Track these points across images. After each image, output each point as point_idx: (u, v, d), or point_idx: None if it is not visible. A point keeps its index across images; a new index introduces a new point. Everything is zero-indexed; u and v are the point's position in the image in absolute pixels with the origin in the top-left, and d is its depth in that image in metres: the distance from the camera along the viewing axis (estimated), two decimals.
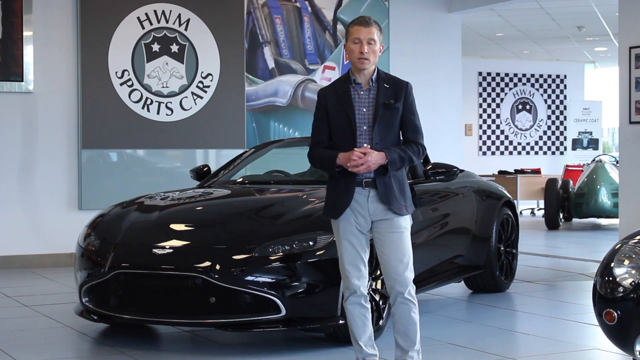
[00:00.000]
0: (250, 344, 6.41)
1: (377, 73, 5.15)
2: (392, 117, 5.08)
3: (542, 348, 6.31)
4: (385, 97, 5.08)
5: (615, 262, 4.67)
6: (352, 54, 5.08)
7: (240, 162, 8.16)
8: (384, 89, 5.10)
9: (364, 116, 5.08)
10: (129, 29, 10.98)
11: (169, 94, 11.18)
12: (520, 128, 22.23)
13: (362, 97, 5.11)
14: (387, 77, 5.18)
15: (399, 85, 5.15)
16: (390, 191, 5.06)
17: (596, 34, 18.13)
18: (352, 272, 5.13)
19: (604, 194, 15.42)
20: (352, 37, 5.07)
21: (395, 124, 5.10)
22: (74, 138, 10.77)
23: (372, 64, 5.09)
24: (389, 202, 5.05)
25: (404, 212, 5.09)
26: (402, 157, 5.05)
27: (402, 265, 5.07)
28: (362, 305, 5.17)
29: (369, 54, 5.04)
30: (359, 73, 5.12)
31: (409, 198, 5.18)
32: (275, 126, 11.91)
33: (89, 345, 6.45)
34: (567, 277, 9.79)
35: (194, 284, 5.91)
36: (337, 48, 12.29)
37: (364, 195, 5.08)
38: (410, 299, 5.09)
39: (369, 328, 5.19)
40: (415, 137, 5.14)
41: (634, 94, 10.32)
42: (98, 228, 6.62)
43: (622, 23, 10.61)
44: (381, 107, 5.06)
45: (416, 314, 5.12)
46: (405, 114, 5.11)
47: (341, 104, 5.11)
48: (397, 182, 5.10)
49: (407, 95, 5.13)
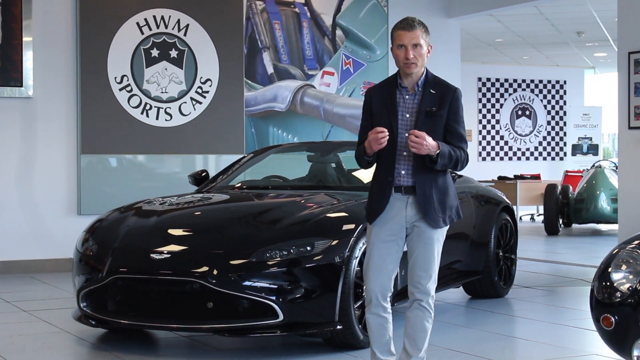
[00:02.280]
0: (247, 349, 6.40)
1: (425, 77, 4.97)
2: (434, 125, 4.88)
3: (541, 354, 6.30)
4: (429, 103, 4.90)
5: (612, 267, 4.66)
6: (397, 59, 4.91)
7: (238, 167, 8.17)
8: (429, 95, 4.92)
9: (407, 122, 4.91)
10: (128, 34, 10.99)
11: (168, 99, 11.18)
12: (520, 133, 22.24)
13: (407, 102, 4.94)
14: (435, 81, 4.97)
15: (446, 91, 4.95)
16: (429, 202, 4.89)
17: (596, 39, 18.14)
18: (373, 279, 4.98)
19: (604, 199, 15.42)
20: (397, 43, 4.89)
21: (438, 132, 4.89)
22: (73, 143, 10.77)
23: (420, 67, 4.92)
24: (426, 213, 4.88)
25: (440, 225, 4.93)
26: (452, 155, 4.84)
27: (426, 276, 4.95)
28: (380, 315, 5.02)
29: (416, 58, 4.87)
30: (406, 77, 4.95)
31: (451, 208, 4.99)
32: (274, 131, 11.91)
33: (87, 350, 6.44)
34: (566, 282, 9.78)
35: (192, 289, 5.90)
36: (336, 53, 12.29)
37: (402, 201, 4.93)
38: (427, 308, 4.98)
39: (386, 336, 5.06)
40: (459, 144, 4.93)
41: (633, 99, 10.30)
42: (96, 233, 6.62)
43: (621, 28, 10.60)
44: (423, 114, 4.89)
45: (429, 324, 5.01)
46: (449, 122, 4.92)
47: (385, 108, 4.95)
48: (438, 192, 4.92)
49: (453, 102, 4.93)
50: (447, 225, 4.99)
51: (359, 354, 6.08)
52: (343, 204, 6.64)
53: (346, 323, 6.00)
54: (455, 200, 5.04)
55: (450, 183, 5.02)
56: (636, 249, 4.64)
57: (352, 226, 6.19)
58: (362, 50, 12.45)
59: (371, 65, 12.47)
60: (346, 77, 12.35)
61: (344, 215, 6.40)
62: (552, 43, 18.83)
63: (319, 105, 12.16)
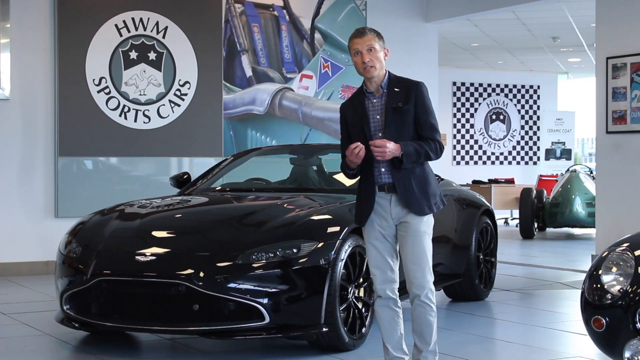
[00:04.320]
0: (231, 351, 6.38)
1: (387, 78, 5.19)
2: (402, 119, 5.08)
3: (525, 356, 6.32)
4: (394, 101, 5.10)
5: (603, 269, 4.69)
6: (357, 66, 5.14)
7: (220, 170, 8.15)
8: (394, 93, 5.12)
9: (378, 123, 5.12)
10: (106, 36, 10.93)
11: (147, 101, 11.14)
12: (494, 138, 22.34)
13: (375, 104, 5.15)
14: (397, 80, 5.20)
15: (410, 86, 5.16)
16: (409, 192, 5.08)
17: (570, 44, 18.26)
18: (378, 275, 5.18)
19: (579, 203, 15.53)
20: (353, 51, 5.13)
21: (408, 126, 5.10)
22: (50, 145, 10.70)
23: (379, 70, 5.12)
24: (408, 204, 5.07)
25: (425, 212, 5.09)
26: (418, 151, 5.04)
27: (419, 270, 5.11)
28: (391, 308, 5.20)
29: (372, 61, 5.08)
30: (369, 82, 5.17)
31: (434, 196, 5.16)
32: (252, 134, 11.89)
33: (70, 353, 6.40)
34: (543, 285, 9.84)
35: (177, 292, 5.87)
36: (315, 57, 12.30)
37: (386, 199, 5.12)
38: (427, 302, 5.12)
39: (397, 331, 5.21)
40: (431, 134, 5.12)
41: (611, 104, 10.39)
42: (79, 235, 6.57)
43: (599, 33, 10.68)
44: (390, 111, 5.08)
45: (433, 317, 5.15)
46: (417, 114, 5.11)
47: (357, 115, 5.18)
48: (418, 182, 5.10)
49: (418, 95, 5.13)
50: (432, 212, 5.15)
51: (344, 357, 6.08)
52: (329, 206, 6.64)
53: (332, 325, 6.00)
54: (437, 189, 5.23)
55: (430, 172, 5.22)
56: (626, 251, 4.67)
57: (338, 229, 6.20)
58: (340, 54, 12.46)
59: (349, 68, 12.48)
60: (324, 81, 12.37)
61: (329, 217, 6.39)
62: (527, 48, 18.94)
63: (297, 108, 12.16)
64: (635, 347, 4.35)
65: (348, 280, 6.24)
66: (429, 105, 5.18)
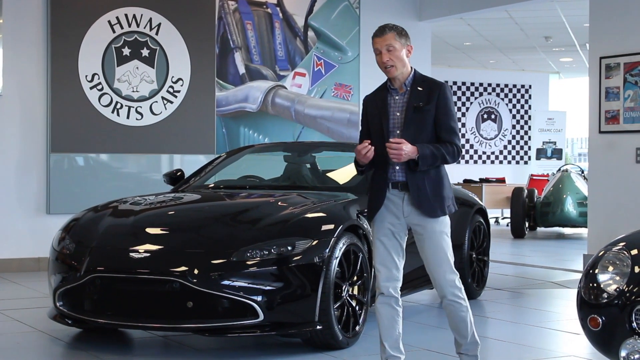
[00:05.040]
0: (223, 349, 6.37)
1: (412, 76, 5.14)
2: (423, 119, 5.03)
3: (517, 355, 6.33)
4: (416, 100, 5.05)
5: (599, 268, 4.69)
6: (379, 66, 5.11)
7: (213, 167, 8.13)
8: (417, 92, 5.07)
9: (397, 120, 5.08)
10: (99, 32, 10.90)
11: (139, 98, 11.11)
12: (485, 137, 22.36)
13: (397, 102, 5.11)
14: (422, 79, 5.15)
15: (433, 87, 5.09)
16: (422, 193, 5.02)
17: (563, 44, 18.29)
18: (382, 272, 5.13)
19: (570, 203, 15.56)
20: (374, 50, 5.10)
21: (428, 127, 5.04)
22: (42, 142, 10.66)
23: (401, 68, 5.08)
24: (420, 204, 5.02)
25: (438, 214, 5.04)
26: (435, 154, 4.98)
27: (440, 271, 5.07)
28: (392, 306, 5.15)
29: (392, 60, 5.04)
30: (393, 79, 5.13)
31: (447, 199, 5.09)
32: (245, 132, 11.88)
33: (63, 349, 6.38)
34: (535, 285, 9.85)
35: (172, 288, 5.85)
36: (308, 54, 12.29)
37: (399, 197, 5.07)
38: (454, 300, 5.11)
39: (396, 330, 5.17)
40: (449, 137, 5.05)
41: (604, 103, 10.40)
42: (73, 231, 6.54)
43: (593, 33, 10.69)
44: (411, 110, 5.03)
45: (465, 312, 5.14)
46: (438, 115, 5.04)
47: (377, 110, 5.15)
48: (432, 183, 5.05)
49: (440, 97, 5.05)
50: (444, 214, 5.08)
51: (338, 355, 6.08)
52: (323, 204, 6.63)
53: (326, 323, 5.99)
54: (450, 192, 5.16)
55: (445, 175, 5.15)
56: (622, 251, 4.68)
57: (332, 226, 6.20)
58: (333, 52, 12.45)
59: (343, 66, 12.48)
60: (317, 79, 12.35)
61: (324, 215, 6.39)
62: (520, 47, 18.96)
63: (290, 106, 12.15)
64: (631, 347, 4.35)
65: (342, 278, 6.24)
66: (450, 107, 5.10)
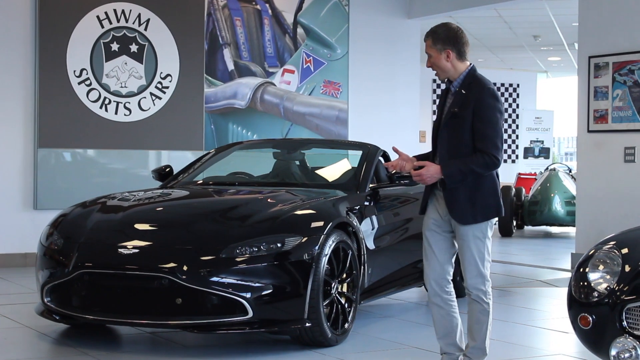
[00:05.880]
0: (211, 345, 6.35)
1: (463, 78, 4.99)
2: (458, 126, 4.90)
3: (505, 353, 6.31)
4: (456, 104, 4.93)
5: (589, 267, 4.70)
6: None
7: (202, 163, 8.09)
8: (460, 96, 4.93)
9: (442, 123, 5.03)
10: (88, 27, 10.85)
11: (128, 94, 11.07)
12: None
13: (448, 102, 5.03)
14: (470, 82, 4.96)
15: (474, 91, 4.90)
16: (455, 199, 4.92)
17: (551, 43, 18.33)
18: (427, 267, 5.10)
19: (558, 202, 15.59)
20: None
21: (464, 134, 4.89)
22: (30, 137, 10.60)
23: (445, 72, 5.00)
24: (452, 209, 4.93)
25: (468, 222, 4.91)
26: (462, 170, 4.83)
27: (468, 272, 5.00)
28: (439, 306, 5.09)
29: (434, 67, 5.01)
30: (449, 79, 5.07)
31: (486, 207, 4.94)
32: (233, 128, 11.85)
33: (50, 345, 6.34)
34: (522, 283, 9.86)
35: (160, 285, 5.83)
36: (297, 51, 12.27)
37: (442, 196, 5.00)
38: (477, 300, 5.04)
39: (446, 329, 5.13)
40: (482, 146, 4.84)
41: (593, 102, 10.42)
42: (61, 227, 6.50)
43: (582, 32, 10.71)
44: (449, 115, 4.94)
45: (484, 315, 5.07)
46: (474, 122, 4.86)
47: (439, 105, 5.13)
48: (468, 191, 4.91)
49: (478, 102, 4.86)
50: (475, 222, 4.93)
51: (327, 352, 6.07)
52: (312, 201, 6.62)
53: (315, 320, 5.98)
54: (491, 197, 4.97)
55: (487, 182, 4.96)
56: (613, 250, 4.68)
57: (322, 224, 6.19)
58: (322, 49, 12.44)
59: (332, 64, 12.47)
60: (306, 76, 12.33)
61: (313, 212, 6.37)
62: (508, 46, 19.00)
63: (279, 103, 12.13)
64: (621, 345, 4.35)
65: (331, 275, 6.23)
66: (488, 114, 4.86)
